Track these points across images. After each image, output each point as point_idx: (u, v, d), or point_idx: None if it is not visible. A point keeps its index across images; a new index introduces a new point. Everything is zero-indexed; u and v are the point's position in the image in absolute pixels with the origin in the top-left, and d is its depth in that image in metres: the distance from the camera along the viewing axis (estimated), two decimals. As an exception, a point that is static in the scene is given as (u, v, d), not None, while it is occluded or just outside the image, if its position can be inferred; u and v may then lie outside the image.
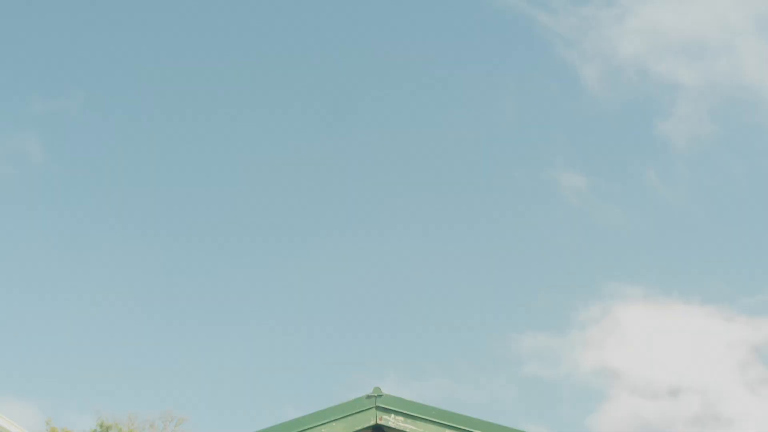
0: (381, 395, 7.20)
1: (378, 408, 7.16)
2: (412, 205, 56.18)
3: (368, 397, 7.22)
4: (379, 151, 56.48)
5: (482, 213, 56.90)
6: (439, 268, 57.84)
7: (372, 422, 7.15)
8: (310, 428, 7.18)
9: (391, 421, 7.13)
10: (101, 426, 41.96)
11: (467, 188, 55.71)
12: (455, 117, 53.83)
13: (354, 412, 7.19)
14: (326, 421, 7.19)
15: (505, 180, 55.85)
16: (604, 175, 56.48)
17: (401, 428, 7.09)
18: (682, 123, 54.35)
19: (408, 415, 7.13)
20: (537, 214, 57.29)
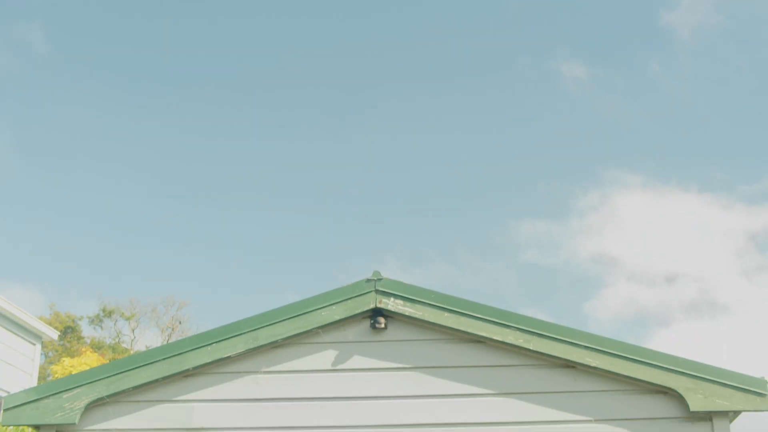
0: (380, 279, 7.24)
1: (377, 291, 7.21)
2: (415, 96, 55.81)
3: (368, 280, 7.26)
4: (385, 48, 55.84)
5: (483, 102, 56.58)
6: (440, 157, 57.82)
7: (371, 305, 7.21)
8: (310, 311, 7.24)
9: (390, 304, 7.18)
10: (104, 311, 42.52)
11: (469, 78, 55.27)
12: (460, 7, 53.04)
13: (354, 295, 7.25)
14: (326, 304, 7.24)
15: (507, 70, 55.39)
16: (607, 66, 55.94)
17: (400, 311, 7.15)
18: (688, 14, 53.55)
19: (407, 298, 7.18)
20: (538, 104, 57.00)
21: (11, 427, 13.59)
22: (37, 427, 7.36)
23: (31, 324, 17.97)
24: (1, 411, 7.31)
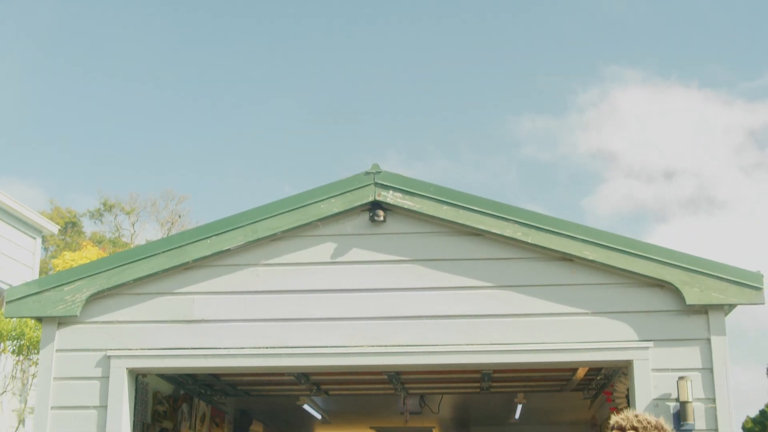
0: (379, 172, 7.22)
1: (376, 184, 7.20)
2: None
3: (367, 173, 7.25)
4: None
5: (483, -5, 55.69)
6: (440, 52, 57.20)
7: (370, 198, 7.20)
8: (309, 204, 7.25)
9: (389, 197, 7.18)
10: (104, 205, 42.61)
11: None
12: None
13: (352, 188, 7.24)
14: (325, 197, 7.24)
15: (507, -40, 54.38)
16: (609, -43, 54.93)
17: (399, 204, 7.15)
18: None
19: (406, 191, 7.17)
20: (539, -4, 56.11)
21: (15, 320, 13.75)
22: (39, 319, 7.44)
23: (31, 218, 18.02)
24: (4, 303, 7.38)
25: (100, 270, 7.32)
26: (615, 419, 5.64)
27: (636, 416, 5.61)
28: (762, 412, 31.05)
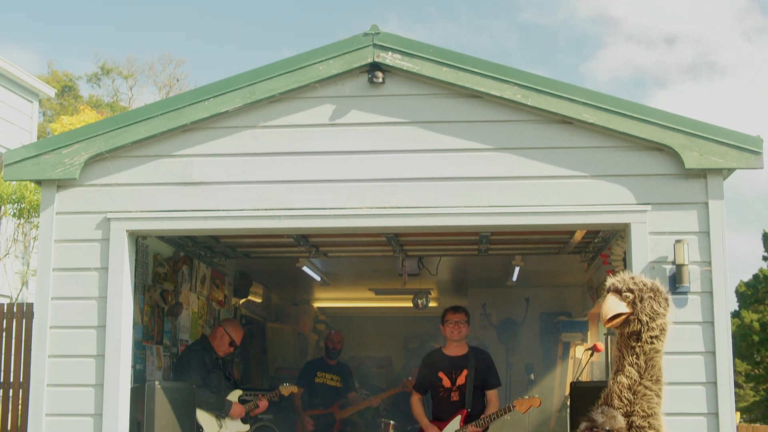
0: (378, 33, 7.11)
1: (375, 46, 7.10)
2: None
3: (365, 34, 7.14)
4: None
5: None
6: None
7: (369, 60, 7.11)
8: (307, 66, 7.16)
9: (388, 58, 7.09)
10: (102, 68, 42.23)
11: None
12: None
13: (351, 49, 7.14)
14: (323, 58, 7.15)
15: None
16: None
17: (398, 66, 7.07)
18: None
19: (405, 52, 7.08)
20: None
21: (14, 183, 13.78)
22: (38, 182, 7.45)
23: (27, 81, 17.86)
24: (2, 167, 7.37)
25: (98, 133, 7.28)
26: (611, 281, 5.71)
27: (632, 278, 5.68)
28: (755, 277, 31.49)
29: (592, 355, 9.62)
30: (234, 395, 8.81)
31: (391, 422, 11.25)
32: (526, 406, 8.20)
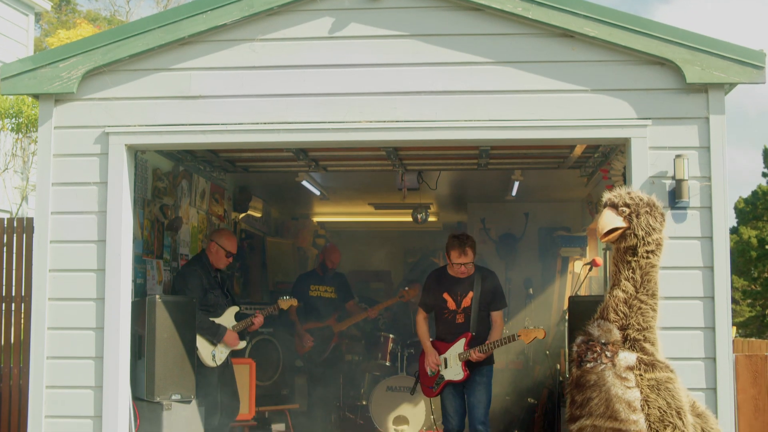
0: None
1: None
2: None
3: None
4: None
5: None
6: None
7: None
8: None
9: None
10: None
11: None
12: None
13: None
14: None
15: None
16: None
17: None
18: None
19: None
20: None
21: (12, 98, 13.71)
22: (36, 96, 7.40)
23: (22, -7, 17.65)
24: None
25: (96, 46, 7.22)
26: (608, 196, 5.73)
27: (629, 193, 5.69)
28: (754, 193, 31.57)
29: (590, 269, 9.68)
30: (231, 312, 8.83)
31: (390, 335, 11.38)
32: (530, 336, 8.26)
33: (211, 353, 8.51)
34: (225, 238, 8.99)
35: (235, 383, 8.97)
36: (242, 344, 8.87)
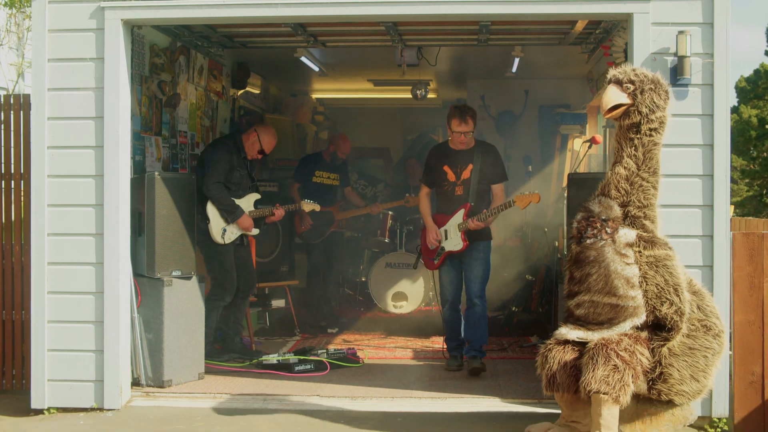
0: None
1: None
2: None
3: None
4: None
5: None
6: None
7: None
8: None
9: None
10: None
11: None
12: None
13: None
14: None
15: None
16: None
17: None
18: None
19: None
20: None
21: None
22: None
23: None
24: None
25: None
26: (613, 72, 5.67)
27: (633, 70, 5.64)
28: (756, 72, 31.31)
29: (590, 147, 9.65)
30: (251, 198, 8.93)
31: (390, 212, 11.44)
32: (525, 201, 8.28)
33: (221, 229, 8.62)
34: (268, 135, 9.10)
35: (251, 263, 9.22)
36: (255, 231, 8.96)
